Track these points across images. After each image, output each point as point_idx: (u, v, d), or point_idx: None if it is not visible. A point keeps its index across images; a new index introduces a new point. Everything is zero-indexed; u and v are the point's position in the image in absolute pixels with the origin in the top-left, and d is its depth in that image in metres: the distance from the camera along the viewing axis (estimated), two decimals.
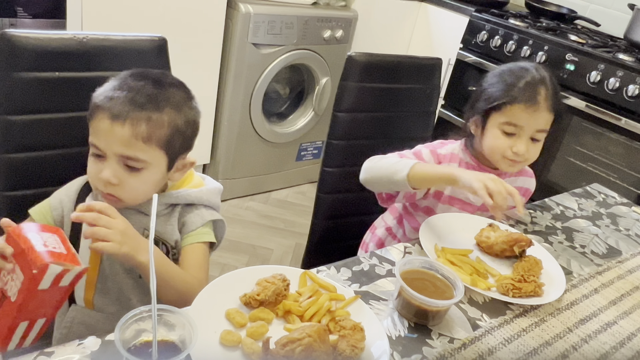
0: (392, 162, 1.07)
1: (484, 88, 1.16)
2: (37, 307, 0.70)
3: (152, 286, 0.60)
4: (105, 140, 0.83)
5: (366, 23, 2.55)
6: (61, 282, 0.69)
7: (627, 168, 1.99)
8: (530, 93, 1.09)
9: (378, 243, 1.32)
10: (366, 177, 1.13)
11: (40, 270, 0.65)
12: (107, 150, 0.84)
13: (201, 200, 0.96)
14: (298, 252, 2.25)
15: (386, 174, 1.07)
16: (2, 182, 0.98)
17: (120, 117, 0.82)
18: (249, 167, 2.51)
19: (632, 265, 1.10)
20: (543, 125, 1.11)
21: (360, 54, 1.30)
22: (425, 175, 1.04)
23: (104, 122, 0.83)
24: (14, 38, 0.92)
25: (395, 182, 1.05)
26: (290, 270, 0.84)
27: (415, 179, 1.03)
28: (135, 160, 0.84)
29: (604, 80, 1.96)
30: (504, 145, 1.12)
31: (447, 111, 2.53)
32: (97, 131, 0.84)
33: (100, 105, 0.84)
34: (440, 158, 1.18)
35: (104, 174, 0.84)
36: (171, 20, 1.98)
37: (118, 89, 0.84)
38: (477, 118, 1.17)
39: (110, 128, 0.82)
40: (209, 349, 0.68)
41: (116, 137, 0.82)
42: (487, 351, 0.79)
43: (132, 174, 0.85)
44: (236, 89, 2.25)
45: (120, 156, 0.84)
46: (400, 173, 1.04)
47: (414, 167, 1.03)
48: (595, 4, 2.59)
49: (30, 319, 0.71)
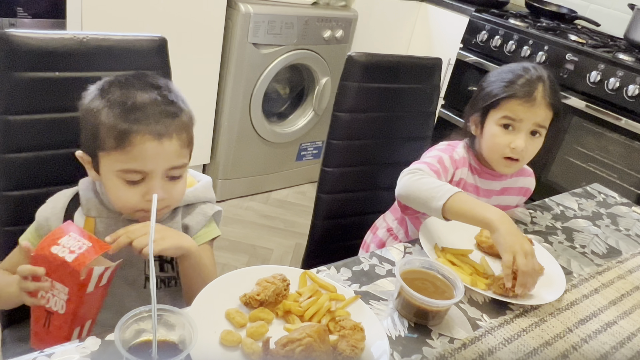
0: (431, 186, 1.01)
1: (483, 87, 1.17)
2: (87, 310, 0.74)
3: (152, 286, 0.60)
4: (154, 161, 0.81)
5: (366, 23, 2.55)
6: (102, 281, 0.73)
7: (627, 168, 1.99)
8: (528, 89, 1.10)
9: (379, 244, 1.32)
10: (401, 193, 1.07)
11: (87, 276, 0.69)
12: (157, 169, 0.82)
13: (199, 198, 0.96)
14: (298, 252, 2.25)
15: (423, 197, 1.01)
16: (2, 182, 0.98)
17: (166, 134, 0.81)
18: (249, 167, 2.51)
19: (632, 265, 1.10)
20: (541, 120, 1.11)
21: (360, 54, 1.30)
22: (462, 213, 0.96)
23: (151, 144, 0.80)
24: (14, 38, 0.92)
25: (430, 208, 0.99)
26: (290, 270, 0.83)
27: (451, 212, 0.97)
28: (179, 168, 0.85)
29: (604, 80, 1.96)
30: (502, 142, 1.12)
31: (447, 111, 2.52)
32: (141, 156, 0.80)
33: (133, 129, 0.79)
34: (457, 164, 1.17)
35: (159, 195, 0.79)
36: (171, 20, 1.98)
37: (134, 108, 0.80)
38: (476, 117, 1.17)
39: (160, 147, 0.80)
40: (209, 349, 0.68)
41: (166, 154, 0.82)
42: (487, 351, 0.79)
43: (175, 181, 0.86)
44: (236, 89, 2.25)
45: (166, 170, 0.83)
46: (437, 201, 0.97)
47: (453, 198, 0.96)
48: (595, 4, 2.58)
49: (82, 323, 0.75)
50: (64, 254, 0.69)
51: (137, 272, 0.91)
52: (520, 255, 0.87)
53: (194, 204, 0.96)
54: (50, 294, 0.72)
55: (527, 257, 0.87)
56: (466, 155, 1.20)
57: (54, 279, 0.70)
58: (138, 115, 0.80)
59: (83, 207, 0.90)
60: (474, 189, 1.19)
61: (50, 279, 0.71)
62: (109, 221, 0.89)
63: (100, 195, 0.90)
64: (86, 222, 0.89)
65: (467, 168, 1.19)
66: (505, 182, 1.22)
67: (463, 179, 1.18)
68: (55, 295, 0.71)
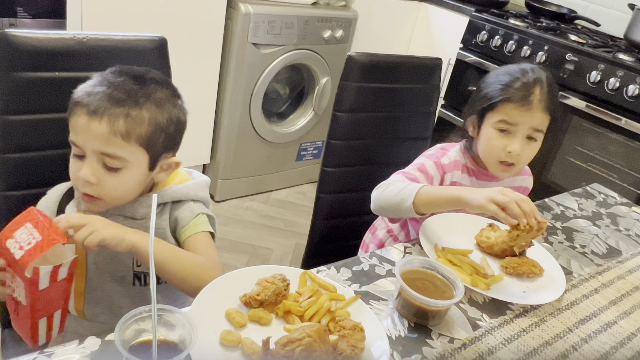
0: (397, 191, 1.04)
1: (481, 89, 1.17)
2: (47, 303, 0.72)
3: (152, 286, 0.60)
4: (83, 137, 0.82)
5: (366, 23, 2.55)
6: (58, 276, 0.71)
7: (627, 168, 1.99)
8: (524, 93, 1.09)
9: (379, 244, 1.32)
10: (375, 207, 1.10)
11: (33, 274, 0.67)
12: (85, 147, 0.82)
13: (188, 196, 0.94)
14: (298, 252, 2.25)
15: (394, 204, 1.04)
16: (2, 182, 0.98)
17: (98, 113, 0.81)
18: (249, 167, 2.51)
19: (632, 265, 1.10)
20: (538, 125, 1.11)
21: (360, 54, 1.30)
22: (431, 201, 1.00)
23: (82, 118, 0.81)
24: (14, 38, 0.92)
25: (403, 210, 1.02)
26: (290, 270, 0.83)
27: (422, 205, 1.00)
28: (113, 158, 0.83)
29: (604, 80, 1.96)
30: (498, 145, 1.12)
31: (447, 111, 2.52)
32: (75, 128, 0.83)
33: (78, 101, 0.82)
34: (444, 169, 1.17)
35: (82, 173, 0.82)
36: (171, 20, 1.98)
37: (98, 85, 0.83)
38: (474, 118, 1.17)
39: (88, 124, 0.81)
40: (209, 349, 0.68)
41: (94, 134, 0.81)
42: (487, 351, 0.79)
43: (112, 173, 0.84)
44: (236, 89, 2.25)
45: (99, 154, 0.82)
46: (406, 202, 1.00)
47: (419, 193, 1.00)
48: (595, 4, 2.59)
49: (46, 315, 0.74)
50: (15, 249, 0.68)
51: (125, 268, 0.91)
52: (498, 196, 0.90)
53: (182, 201, 0.94)
54: (15, 285, 0.71)
55: (504, 193, 0.91)
56: (460, 158, 1.20)
57: (14, 271, 0.70)
58: (91, 90, 0.82)
59: (75, 199, 0.91)
60: None
61: (11, 271, 0.71)
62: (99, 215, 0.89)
63: None
64: None
65: (461, 171, 1.19)
66: (502, 182, 1.22)
67: (457, 182, 1.17)
68: (17, 287, 0.71)
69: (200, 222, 0.92)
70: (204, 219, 0.93)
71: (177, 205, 0.94)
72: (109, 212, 0.89)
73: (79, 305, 0.93)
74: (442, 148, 1.23)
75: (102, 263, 0.91)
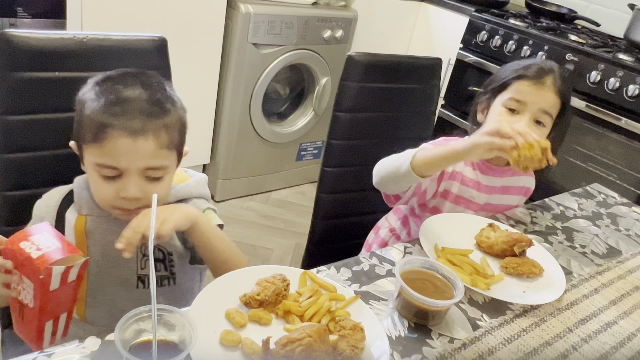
0: (395, 157, 1.05)
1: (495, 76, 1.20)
2: (55, 306, 0.73)
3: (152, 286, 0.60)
4: (127, 158, 0.80)
5: (366, 23, 2.55)
6: (69, 278, 0.71)
7: (627, 168, 1.99)
8: (539, 72, 1.11)
9: (382, 244, 1.32)
10: (376, 180, 1.10)
11: (46, 275, 0.68)
12: (130, 167, 0.81)
13: (191, 194, 0.95)
14: (298, 252, 2.25)
15: (392, 171, 1.04)
16: (2, 182, 0.98)
17: (141, 132, 0.79)
18: (249, 167, 2.51)
19: (632, 265, 1.10)
20: (548, 107, 1.11)
21: (360, 54, 1.30)
22: (428, 160, 0.99)
23: (123, 141, 0.79)
24: (14, 38, 0.92)
25: (403, 175, 1.01)
26: (290, 270, 0.83)
27: (420, 165, 0.99)
28: (157, 169, 0.83)
29: (604, 80, 1.96)
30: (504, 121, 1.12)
31: (447, 111, 2.52)
32: (114, 151, 0.79)
33: (109, 124, 0.79)
34: None
35: (131, 192, 0.81)
36: (171, 20, 1.98)
37: (116, 103, 0.80)
38: (484, 103, 1.18)
39: (133, 145, 0.79)
40: (209, 349, 0.68)
41: (141, 153, 0.80)
42: (487, 351, 0.79)
43: (154, 183, 0.84)
44: (236, 89, 2.25)
45: (142, 170, 0.82)
46: (404, 165, 1.00)
47: (416, 155, 1.00)
48: (595, 4, 2.58)
49: (53, 317, 0.74)
50: (31, 250, 0.69)
51: (129, 271, 0.91)
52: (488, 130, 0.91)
53: (186, 199, 0.94)
54: (21, 287, 0.72)
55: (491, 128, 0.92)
56: None
57: (22, 273, 0.70)
58: (116, 110, 0.80)
59: (76, 204, 0.90)
60: (474, 185, 1.19)
61: (19, 273, 0.71)
62: (100, 220, 0.89)
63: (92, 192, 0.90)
64: (77, 219, 0.89)
65: (464, 163, 1.19)
66: (506, 179, 1.22)
67: (459, 173, 1.17)
68: (24, 288, 0.71)
69: (209, 217, 0.94)
70: (212, 214, 0.95)
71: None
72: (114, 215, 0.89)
73: (81, 309, 0.93)
74: (443, 139, 1.23)
75: (106, 266, 0.91)
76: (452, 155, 0.97)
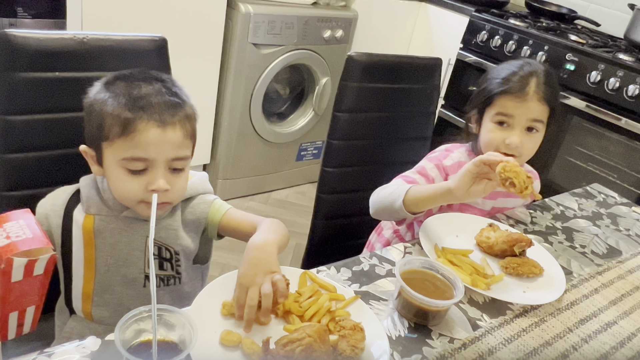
0: (390, 192, 1.06)
1: (481, 85, 1.19)
2: (19, 297, 0.71)
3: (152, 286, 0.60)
4: (156, 148, 0.82)
5: (366, 23, 2.55)
6: (34, 271, 0.69)
7: (627, 168, 1.99)
8: (519, 85, 1.11)
9: (385, 244, 1.32)
10: (373, 211, 1.12)
11: (7, 265, 0.66)
12: (159, 158, 0.83)
13: (197, 191, 0.96)
14: (298, 252, 2.25)
15: (387, 205, 1.05)
16: (2, 182, 0.98)
17: (169, 122, 0.82)
18: (249, 167, 2.51)
19: (632, 265, 1.10)
20: (536, 116, 1.11)
21: (360, 54, 1.30)
22: (420, 198, 1.00)
23: (153, 132, 0.81)
24: (14, 38, 0.92)
25: (396, 211, 1.03)
26: (290, 270, 0.84)
27: (411, 203, 1.01)
28: (181, 160, 0.86)
29: (604, 80, 1.96)
30: (497, 138, 1.12)
31: (447, 111, 2.52)
32: (145, 143, 0.81)
33: (138, 116, 0.81)
34: (447, 170, 1.17)
35: (161, 184, 0.82)
36: (171, 20, 1.98)
37: (141, 97, 0.82)
38: (475, 115, 1.18)
39: (163, 135, 0.82)
40: (209, 349, 0.68)
41: (170, 143, 0.83)
42: (487, 351, 0.79)
43: (177, 174, 0.86)
44: (236, 89, 2.25)
45: (168, 161, 0.84)
46: (397, 202, 1.02)
47: (408, 192, 1.01)
48: (595, 4, 2.58)
49: (18, 309, 0.72)
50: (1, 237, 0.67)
51: (136, 270, 0.91)
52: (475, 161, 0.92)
53: (192, 197, 0.96)
54: None
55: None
56: (465, 160, 1.19)
57: None
58: (142, 103, 0.82)
59: (83, 204, 0.90)
60: None
61: None
62: (109, 219, 0.89)
63: (101, 192, 0.90)
64: (85, 219, 0.89)
65: None
66: None
67: None
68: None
69: (220, 204, 0.97)
70: (220, 202, 0.97)
71: (187, 203, 0.95)
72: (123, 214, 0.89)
73: (87, 308, 0.93)
74: (446, 149, 1.23)
75: (114, 265, 0.91)
76: (443, 193, 0.96)
